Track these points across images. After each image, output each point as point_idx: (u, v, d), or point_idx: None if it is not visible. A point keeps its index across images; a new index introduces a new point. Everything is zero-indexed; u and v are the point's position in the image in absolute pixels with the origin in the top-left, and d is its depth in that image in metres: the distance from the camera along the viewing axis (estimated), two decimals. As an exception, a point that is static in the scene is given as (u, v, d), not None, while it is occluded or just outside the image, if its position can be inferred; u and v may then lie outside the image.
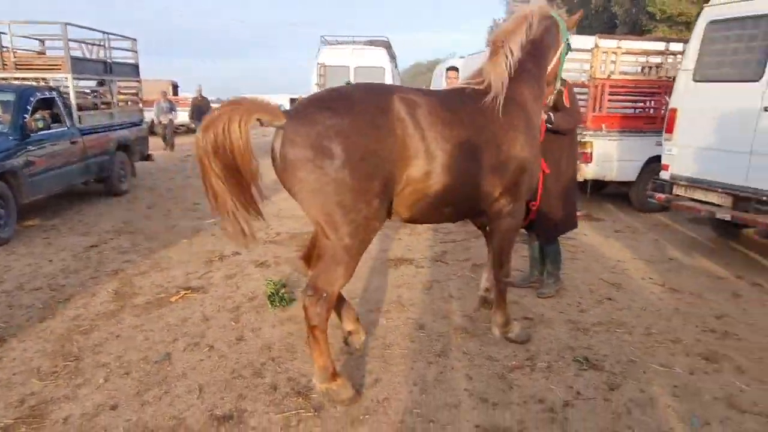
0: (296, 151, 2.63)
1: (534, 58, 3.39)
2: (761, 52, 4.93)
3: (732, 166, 5.14)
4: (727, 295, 4.54)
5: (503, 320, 3.63)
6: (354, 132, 2.65)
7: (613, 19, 28.96)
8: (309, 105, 2.77)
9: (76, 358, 3.44)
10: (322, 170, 2.60)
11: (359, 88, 2.99)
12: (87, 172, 7.57)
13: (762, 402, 2.96)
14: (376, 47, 13.31)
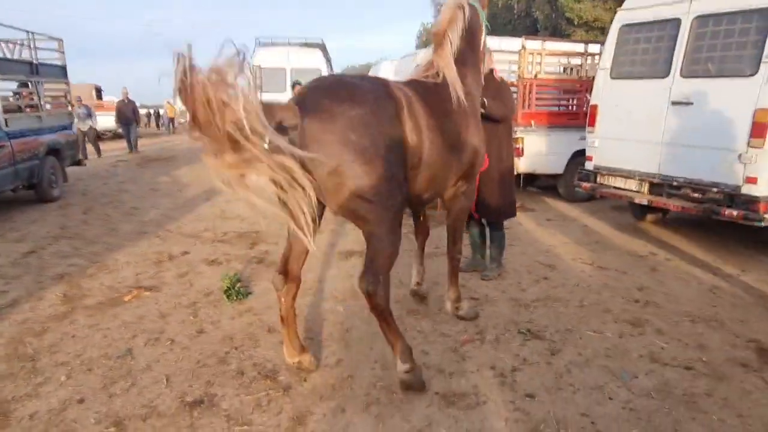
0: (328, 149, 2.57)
1: (470, 45, 3.55)
2: (667, 51, 5.51)
3: (646, 156, 5.71)
4: (646, 269, 5.05)
5: (455, 296, 3.91)
6: (377, 121, 2.70)
7: (535, 24, 30.42)
8: (321, 97, 2.70)
9: (32, 359, 3.39)
10: (356, 164, 2.61)
11: (359, 78, 3.00)
12: (16, 177, 7.21)
13: (679, 356, 3.39)
14: (312, 49, 13.24)
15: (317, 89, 2.80)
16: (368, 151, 2.64)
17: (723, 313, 4.05)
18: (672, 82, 5.44)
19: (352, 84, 2.84)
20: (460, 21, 3.45)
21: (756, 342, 3.58)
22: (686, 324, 3.86)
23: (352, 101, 2.69)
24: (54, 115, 8.49)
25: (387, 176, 2.71)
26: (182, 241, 6.01)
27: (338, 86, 2.82)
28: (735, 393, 2.98)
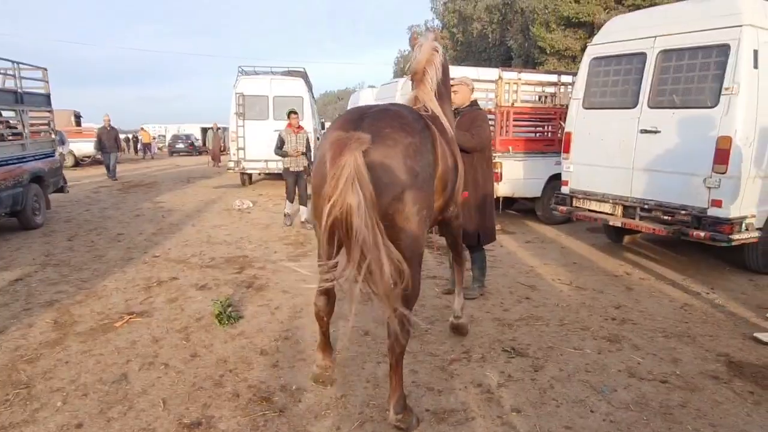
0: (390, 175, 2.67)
1: (443, 81, 3.81)
2: (635, 83, 5.85)
3: (619, 180, 6.00)
4: (622, 288, 5.28)
5: (460, 306, 4.16)
6: (425, 148, 2.89)
7: (509, 52, 31.28)
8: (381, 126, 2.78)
9: (26, 385, 3.42)
10: (411, 189, 2.72)
11: (399, 107, 3.17)
12: (0, 205, 7.21)
13: (655, 370, 3.58)
14: (294, 77, 13.53)
15: (370, 118, 2.86)
16: (419, 177, 2.78)
17: (694, 328, 4.28)
18: (640, 112, 5.77)
19: (399, 113, 3.00)
20: (436, 60, 3.71)
21: (726, 356, 3.80)
22: (660, 339, 4.07)
23: (404, 130, 2.83)
24: (38, 143, 8.51)
25: (429, 205, 2.89)
26: (170, 267, 6.06)
27: (390, 114, 2.95)
28: (707, 404, 3.17)
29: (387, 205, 2.69)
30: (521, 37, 29.62)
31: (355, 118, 2.91)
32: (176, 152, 32.63)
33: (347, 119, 2.97)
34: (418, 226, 2.83)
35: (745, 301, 4.96)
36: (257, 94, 12.73)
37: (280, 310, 4.71)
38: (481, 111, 5.05)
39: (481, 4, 31.84)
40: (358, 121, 2.84)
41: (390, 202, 2.70)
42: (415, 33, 4.10)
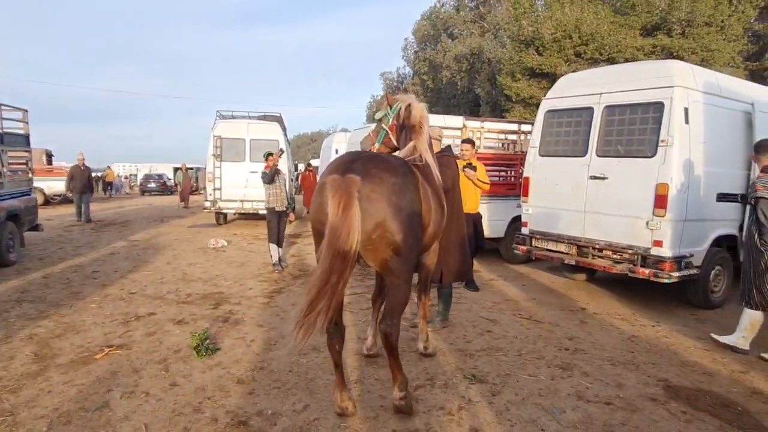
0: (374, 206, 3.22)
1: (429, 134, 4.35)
2: (584, 134, 6.44)
3: (573, 222, 6.50)
4: (576, 322, 5.69)
5: (426, 336, 4.66)
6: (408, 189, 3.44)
7: (477, 100, 32.48)
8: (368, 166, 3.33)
9: (11, 413, 3.57)
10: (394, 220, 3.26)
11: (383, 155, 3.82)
12: None
13: (600, 393, 3.95)
14: (269, 122, 14.10)
15: (358, 162, 3.39)
16: (402, 211, 3.32)
17: (639, 357, 4.69)
18: (590, 160, 6.33)
19: (384, 158, 3.67)
20: (427, 115, 4.30)
21: (664, 381, 4.20)
22: (608, 367, 4.46)
23: (389, 171, 3.40)
24: (15, 182, 8.65)
25: (413, 234, 3.44)
26: (147, 303, 6.24)
27: (375, 158, 3.56)
28: (644, 422, 3.54)
29: (371, 230, 3.23)
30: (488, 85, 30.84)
31: (348, 161, 3.46)
32: (148, 191, 32.51)
33: (342, 162, 3.49)
34: (404, 250, 3.36)
35: (686, 333, 5.42)
36: (234, 137, 13.28)
37: (256, 343, 4.94)
38: (447, 156, 5.52)
39: (450, 54, 33.22)
40: (350, 164, 3.39)
41: (373, 228, 3.22)
42: (387, 93, 4.57)
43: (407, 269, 3.50)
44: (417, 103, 4.33)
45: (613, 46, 20.78)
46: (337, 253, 3.07)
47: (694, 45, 21.04)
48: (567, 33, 21.63)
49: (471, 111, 32.81)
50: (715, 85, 6.09)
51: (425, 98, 37.67)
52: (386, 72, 46.53)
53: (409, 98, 4.44)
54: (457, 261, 5.34)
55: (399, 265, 3.40)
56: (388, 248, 3.31)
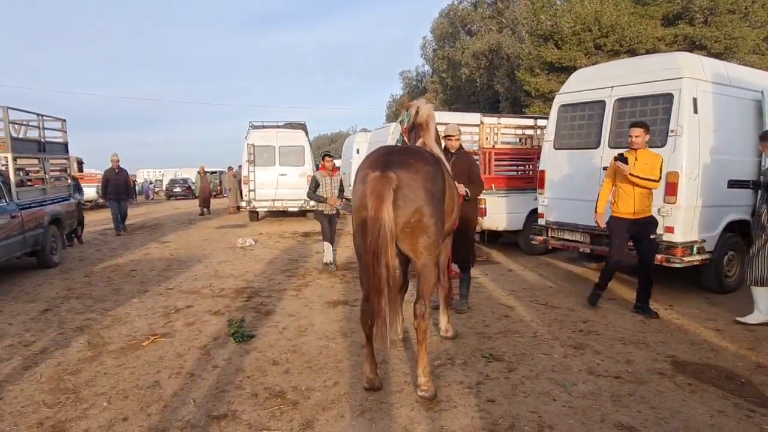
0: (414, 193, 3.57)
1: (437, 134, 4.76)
2: (597, 127, 6.66)
3: (586, 212, 6.71)
4: (591, 307, 5.92)
5: (447, 319, 5.00)
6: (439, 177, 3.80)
7: (497, 96, 32.53)
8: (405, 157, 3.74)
9: (74, 391, 3.99)
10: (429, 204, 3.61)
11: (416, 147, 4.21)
12: (24, 245, 7.87)
13: (610, 369, 4.21)
14: (296, 130, 15.33)
15: (392, 154, 3.79)
16: (435, 196, 3.70)
17: (649, 337, 4.92)
18: (602, 152, 6.55)
19: (414, 149, 4.07)
20: (434, 115, 4.70)
21: (672, 357, 4.43)
22: (619, 346, 4.70)
23: (423, 161, 3.78)
24: (56, 188, 9.21)
25: (441, 219, 3.80)
26: (184, 297, 6.66)
27: (412, 150, 4.00)
28: (650, 392, 3.79)
29: (410, 215, 3.59)
30: (508, 81, 30.90)
31: (385, 154, 3.83)
32: (173, 196, 33.35)
33: (379, 156, 3.82)
34: (434, 233, 3.71)
35: (698, 315, 5.62)
36: (265, 144, 14.75)
37: (288, 330, 5.31)
38: (471, 155, 5.89)
39: (469, 51, 33.27)
40: (388, 156, 3.76)
41: (412, 213, 3.59)
42: (405, 98, 4.96)
43: (437, 252, 3.88)
44: (425, 104, 4.74)
45: (634, 38, 20.71)
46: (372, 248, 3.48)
47: (717, 33, 20.88)
48: (586, 26, 21.59)
49: (491, 108, 32.93)
50: (724, 75, 6.26)
51: (445, 96, 37.89)
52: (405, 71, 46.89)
53: (419, 101, 4.84)
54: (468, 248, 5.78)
55: (431, 248, 3.73)
56: (424, 231, 3.65)
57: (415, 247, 3.72)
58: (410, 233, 3.65)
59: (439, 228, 3.79)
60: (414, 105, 4.78)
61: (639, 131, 5.34)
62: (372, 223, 3.48)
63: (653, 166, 5.29)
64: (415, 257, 3.79)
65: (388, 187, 3.48)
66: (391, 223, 3.45)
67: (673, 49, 21.40)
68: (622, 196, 5.49)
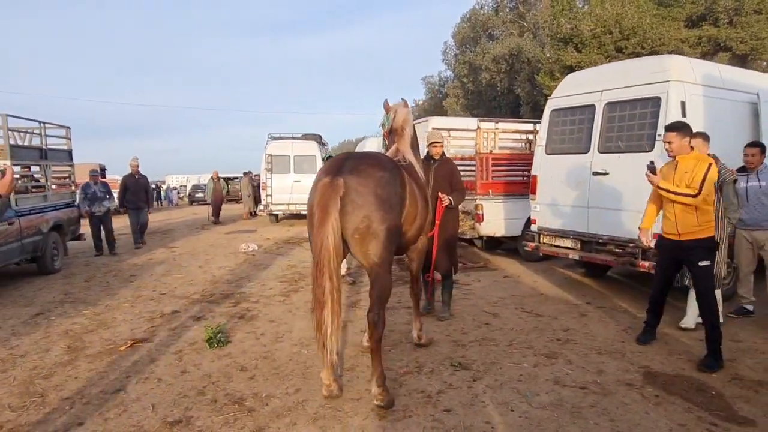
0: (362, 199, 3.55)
1: (416, 141, 4.75)
2: (587, 131, 6.54)
3: (577, 218, 6.60)
4: (576, 315, 5.80)
5: (419, 326, 4.89)
6: (393, 183, 3.76)
7: (518, 100, 32.24)
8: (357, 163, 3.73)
9: (41, 395, 4.07)
10: (379, 210, 3.57)
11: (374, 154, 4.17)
12: (22, 251, 7.98)
13: (578, 379, 4.10)
14: (309, 140, 16.67)
15: (349, 160, 3.79)
16: (386, 203, 3.64)
17: (627, 347, 4.78)
18: (592, 157, 6.42)
19: (372, 155, 4.09)
20: (410, 120, 4.67)
21: (646, 368, 4.30)
22: (593, 356, 4.59)
23: (377, 166, 3.75)
24: (58, 194, 9.42)
25: (396, 225, 3.73)
26: (174, 302, 6.75)
27: (364, 156, 3.98)
28: (614, 404, 3.68)
29: (358, 221, 3.56)
30: (528, 85, 30.59)
31: (341, 159, 3.87)
32: (195, 201, 33.90)
33: (335, 161, 3.89)
34: (386, 239, 3.63)
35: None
36: (282, 154, 16.09)
37: (265, 336, 5.33)
38: (454, 162, 5.86)
39: (489, 55, 33.05)
40: (343, 162, 3.76)
41: (361, 219, 3.56)
42: (386, 101, 4.92)
43: (389, 259, 3.79)
44: (402, 109, 4.70)
45: (656, 39, 20.28)
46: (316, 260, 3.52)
47: (742, 34, 20.36)
48: (607, 28, 21.25)
49: (512, 112, 32.63)
50: (717, 78, 6.09)
51: (466, 101, 37.73)
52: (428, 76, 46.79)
53: (398, 105, 4.79)
54: (449, 255, 5.70)
55: (382, 255, 3.66)
56: (374, 238, 3.59)
57: (366, 253, 3.67)
58: (359, 239, 3.62)
59: (392, 234, 3.70)
60: (392, 108, 4.77)
61: (671, 135, 4.45)
62: (316, 237, 3.50)
63: (693, 175, 4.29)
64: (366, 264, 3.77)
65: (335, 198, 3.48)
66: (335, 236, 3.45)
67: (696, 51, 20.91)
68: (665, 212, 4.65)
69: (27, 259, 8.33)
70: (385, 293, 3.78)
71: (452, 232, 5.75)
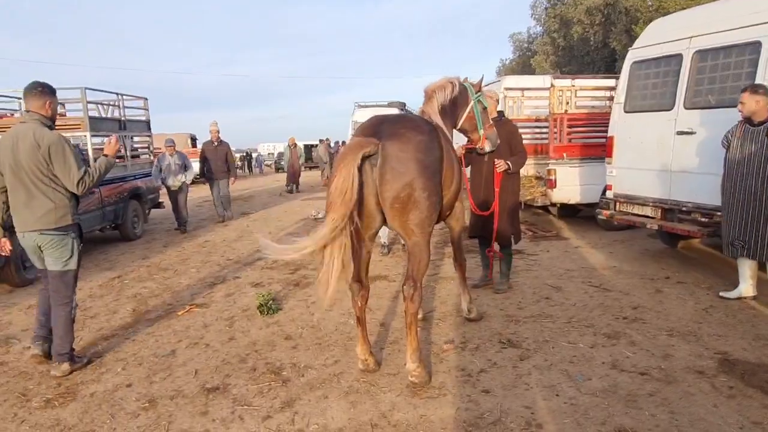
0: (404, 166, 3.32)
1: (451, 109, 4.32)
2: (672, 85, 5.79)
3: (658, 183, 5.94)
4: (650, 291, 5.25)
5: (468, 298, 4.66)
6: (433, 146, 3.53)
7: (613, 54, 29.97)
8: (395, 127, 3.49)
9: (100, 356, 4.30)
10: (421, 177, 3.34)
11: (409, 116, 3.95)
12: (103, 219, 8.35)
13: (639, 364, 3.69)
14: (392, 107, 16.05)
15: (383, 123, 3.57)
16: (429, 169, 3.42)
17: (705, 329, 4.25)
18: (677, 114, 5.70)
19: (412, 119, 3.86)
20: (447, 89, 4.26)
21: (723, 354, 3.78)
22: (662, 337, 4.11)
23: (415, 129, 3.52)
24: (138, 164, 9.91)
25: (436, 192, 3.50)
26: (237, 268, 6.94)
27: (401, 118, 3.85)
28: (677, 394, 3.26)
29: (400, 189, 3.33)
30: (626, 37, 28.22)
31: (375, 123, 3.62)
32: (281, 168, 35.01)
33: (369, 125, 3.66)
34: (427, 208, 3.42)
35: (784, 304, 4.76)
36: None
37: (315, 304, 5.30)
38: (510, 122, 5.42)
39: (582, 6, 30.76)
40: (378, 126, 3.54)
41: (402, 187, 3.33)
42: None
43: (430, 230, 3.57)
44: (444, 77, 4.37)
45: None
46: (332, 214, 3.26)
47: None
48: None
49: (606, 68, 30.37)
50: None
51: (556, 58, 35.63)
52: (516, 33, 44.66)
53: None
54: (510, 225, 5.33)
55: (424, 225, 3.45)
56: (415, 207, 3.37)
57: (406, 224, 3.44)
58: (400, 209, 3.38)
59: (433, 203, 3.47)
60: None
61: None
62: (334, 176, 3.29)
63: None
64: (405, 235, 3.54)
65: (357, 153, 3.26)
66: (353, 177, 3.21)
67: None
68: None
69: (110, 226, 8.76)
70: (422, 266, 3.55)
71: (513, 200, 5.36)
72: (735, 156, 4.69)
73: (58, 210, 3.78)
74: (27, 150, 3.66)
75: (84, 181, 3.78)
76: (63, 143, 3.75)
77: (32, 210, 3.73)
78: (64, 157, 3.72)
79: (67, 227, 3.85)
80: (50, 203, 3.75)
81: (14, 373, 4.03)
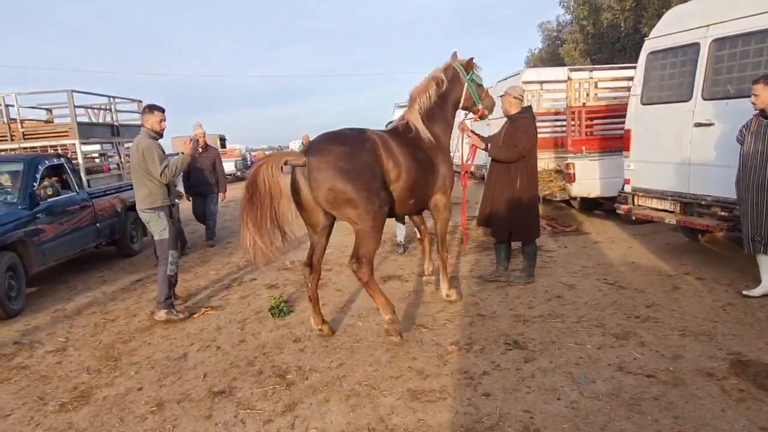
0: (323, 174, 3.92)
1: (440, 105, 4.81)
2: (689, 75, 5.60)
3: (676, 176, 5.76)
4: (667, 288, 5.11)
5: (447, 285, 5.15)
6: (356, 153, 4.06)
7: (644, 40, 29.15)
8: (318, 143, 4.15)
9: (115, 359, 4.44)
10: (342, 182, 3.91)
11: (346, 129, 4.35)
12: (98, 235, 7.56)
13: (647, 366, 3.60)
14: None
15: (316, 140, 4.24)
16: (350, 173, 3.95)
17: (720, 328, 4.11)
18: (694, 105, 5.51)
19: (339, 132, 4.28)
20: (431, 89, 4.78)
21: (737, 355, 3.66)
22: (674, 337, 4.00)
23: (338, 143, 4.10)
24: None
25: (365, 188, 4.00)
26: (255, 270, 7.04)
27: (330, 135, 4.27)
28: (683, 397, 3.17)
29: (325, 193, 3.96)
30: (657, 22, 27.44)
31: (313, 141, 4.27)
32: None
33: (310, 142, 4.41)
34: (361, 203, 3.98)
35: (808, 301, 4.57)
36: None
37: (326, 306, 5.34)
38: (524, 119, 5.35)
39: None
40: (312, 143, 4.22)
41: (327, 191, 3.95)
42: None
43: (367, 217, 4.04)
44: (429, 75, 4.87)
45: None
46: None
47: None
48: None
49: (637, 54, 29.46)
50: None
51: (585, 46, 34.76)
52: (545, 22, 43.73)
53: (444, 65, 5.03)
54: (525, 220, 5.37)
55: (361, 216, 4.02)
56: (346, 204, 3.98)
57: (345, 217, 4.09)
58: (332, 207, 4.05)
59: (365, 197, 3.97)
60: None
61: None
62: None
63: None
64: (350, 224, 4.17)
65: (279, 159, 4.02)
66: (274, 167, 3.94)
67: None
68: None
69: (105, 243, 8.01)
70: (368, 249, 4.12)
71: (527, 196, 5.31)
72: (749, 151, 4.52)
73: (152, 195, 5.14)
74: (133, 153, 5.15)
75: (165, 173, 5.07)
76: (152, 148, 5.04)
77: (138, 195, 5.21)
78: (152, 157, 5.02)
79: (159, 207, 5.17)
80: (146, 190, 5.13)
81: (35, 377, 4.20)
